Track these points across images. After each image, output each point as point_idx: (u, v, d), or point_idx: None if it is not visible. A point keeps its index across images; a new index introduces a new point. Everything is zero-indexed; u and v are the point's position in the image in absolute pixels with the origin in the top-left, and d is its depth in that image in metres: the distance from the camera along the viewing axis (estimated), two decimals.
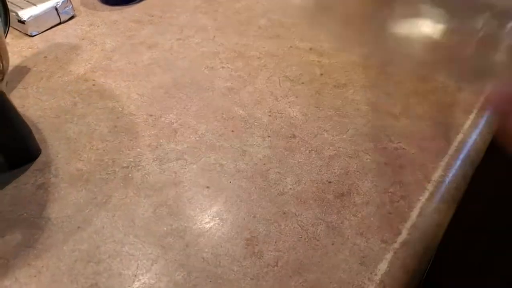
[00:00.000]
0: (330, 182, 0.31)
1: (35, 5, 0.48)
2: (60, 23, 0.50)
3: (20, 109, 0.33)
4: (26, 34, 0.48)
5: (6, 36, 0.42)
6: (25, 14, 0.47)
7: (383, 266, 0.26)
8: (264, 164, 0.32)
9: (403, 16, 0.48)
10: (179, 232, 0.28)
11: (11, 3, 0.48)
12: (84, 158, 0.33)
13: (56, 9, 0.49)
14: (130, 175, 0.32)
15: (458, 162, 0.32)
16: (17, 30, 0.49)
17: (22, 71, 0.43)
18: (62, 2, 0.49)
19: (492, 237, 0.89)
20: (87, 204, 0.30)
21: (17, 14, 0.47)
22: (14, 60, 0.44)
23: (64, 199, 0.30)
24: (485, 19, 0.45)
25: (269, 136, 0.35)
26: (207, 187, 0.31)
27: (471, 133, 0.34)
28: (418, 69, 0.41)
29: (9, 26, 0.41)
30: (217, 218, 0.29)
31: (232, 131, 0.35)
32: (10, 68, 0.34)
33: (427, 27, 0.46)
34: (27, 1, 0.48)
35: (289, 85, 0.40)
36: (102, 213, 0.29)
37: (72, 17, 0.51)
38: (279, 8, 0.52)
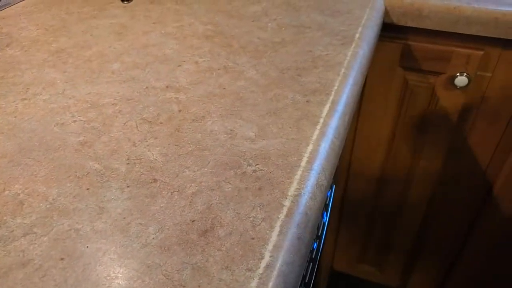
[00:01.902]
0: (193, 221, 0.31)
1: None
2: None
3: None
4: None
5: None
6: None
7: None
8: (124, 218, 0.31)
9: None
10: None
11: None
12: None
13: None
14: None
15: (312, 173, 0.34)
16: None
17: None
18: None
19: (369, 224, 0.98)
20: None
21: None
22: None
23: None
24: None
25: (128, 186, 0.33)
26: (62, 259, 0.28)
27: (320, 141, 0.37)
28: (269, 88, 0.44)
29: None
30: None
31: (88, 189, 0.33)
32: None
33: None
34: None
35: (147, 128, 0.39)
36: None
37: None
38: (133, 49, 0.51)
